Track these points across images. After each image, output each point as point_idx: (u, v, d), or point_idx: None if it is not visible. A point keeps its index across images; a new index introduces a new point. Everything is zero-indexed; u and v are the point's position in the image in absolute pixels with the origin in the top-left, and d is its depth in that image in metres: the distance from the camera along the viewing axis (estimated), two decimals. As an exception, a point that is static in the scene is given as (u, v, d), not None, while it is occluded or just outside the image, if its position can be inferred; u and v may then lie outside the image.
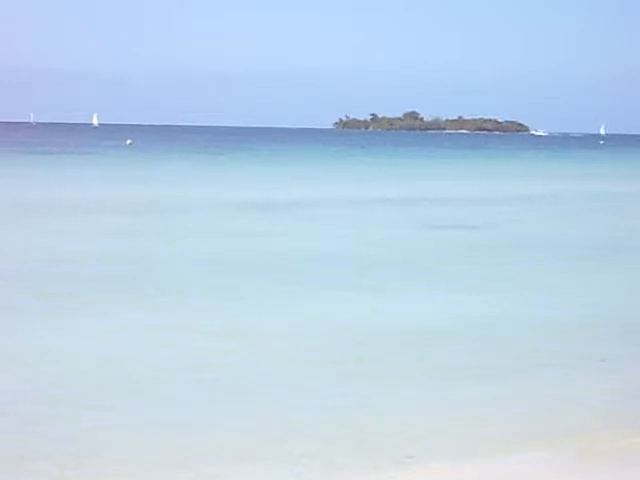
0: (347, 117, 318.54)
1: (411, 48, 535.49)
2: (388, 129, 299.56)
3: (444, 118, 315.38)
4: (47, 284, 18.98)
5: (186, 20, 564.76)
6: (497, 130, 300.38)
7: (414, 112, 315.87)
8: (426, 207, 39.29)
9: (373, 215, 35.68)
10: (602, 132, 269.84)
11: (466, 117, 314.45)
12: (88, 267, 21.14)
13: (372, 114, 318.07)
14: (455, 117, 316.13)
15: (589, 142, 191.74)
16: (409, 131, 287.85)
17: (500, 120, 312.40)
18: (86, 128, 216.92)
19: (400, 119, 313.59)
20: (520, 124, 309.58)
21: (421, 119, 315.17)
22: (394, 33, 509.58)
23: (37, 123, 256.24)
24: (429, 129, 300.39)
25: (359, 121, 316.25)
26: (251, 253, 24.20)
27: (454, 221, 33.27)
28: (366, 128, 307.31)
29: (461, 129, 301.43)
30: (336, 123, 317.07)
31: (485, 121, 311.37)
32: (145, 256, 23.14)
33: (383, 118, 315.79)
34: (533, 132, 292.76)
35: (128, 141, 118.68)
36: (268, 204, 38.41)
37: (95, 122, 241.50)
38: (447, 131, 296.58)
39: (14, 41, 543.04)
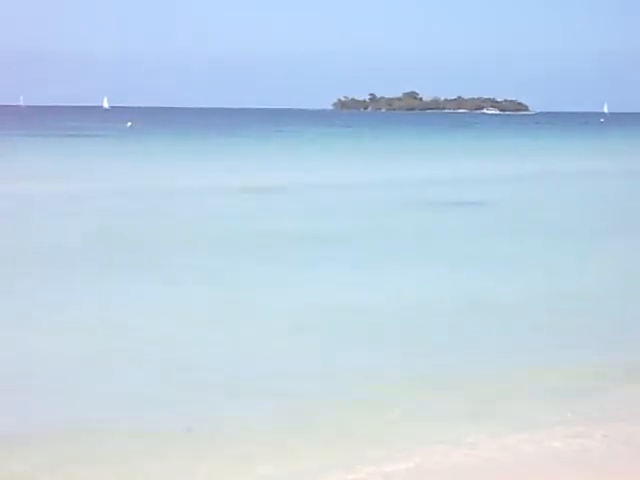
0: (346, 97, 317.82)
1: (410, 28, 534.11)
2: (387, 109, 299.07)
3: (443, 98, 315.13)
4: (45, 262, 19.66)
5: (186, 2, 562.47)
6: (496, 109, 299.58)
7: (413, 92, 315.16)
8: (417, 188, 39.59)
9: (362, 197, 36.20)
10: (605, 110, 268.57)
11: (465, 97, 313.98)
12: (85, 247, 21.85)
13: (371, 94, 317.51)
14: (454, 97, 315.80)
15: (589, 119, 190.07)
16: (408, 111, 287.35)
17: (499, 99, 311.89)
18: (96, 111, 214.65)
19: (399, 99, 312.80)
20: (519, 103, 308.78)
21: (420, 99, 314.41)
22: (393, 13, 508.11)
23: (27, 106, 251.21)
24: (428, 109, 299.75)
25: (358, 101, 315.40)
26: (242, 234, 24.79)
27: (444, 200, 33.88)
28: (365, 108, 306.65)
29: (460, 108, 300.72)
30: (335, 103, 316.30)
31: (484, 100, 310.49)
32: (135, 237, 23.78)
33: (382, 98, 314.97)
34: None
35: (129, 124, 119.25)
36: (261, 187, 38.53)
37: (106, 105, 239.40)
38: (446, 111, 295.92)
39: (7, 24, 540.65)
